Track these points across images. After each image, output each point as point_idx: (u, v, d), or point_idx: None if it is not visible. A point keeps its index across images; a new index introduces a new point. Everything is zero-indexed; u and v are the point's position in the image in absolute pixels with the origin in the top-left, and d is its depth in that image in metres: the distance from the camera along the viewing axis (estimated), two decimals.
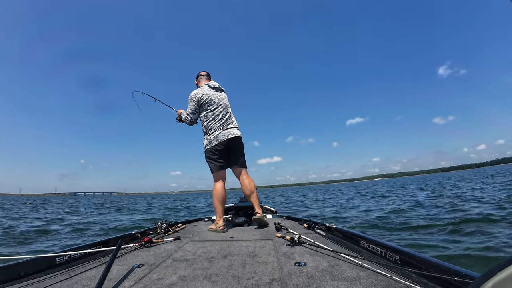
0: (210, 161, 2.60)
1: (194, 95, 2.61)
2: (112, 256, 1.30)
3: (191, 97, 2.61)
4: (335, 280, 1.07)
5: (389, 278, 1.07)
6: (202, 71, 2.86)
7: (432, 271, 1.02)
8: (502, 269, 0.39)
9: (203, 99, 2.58)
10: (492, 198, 8.08)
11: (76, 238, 5.59)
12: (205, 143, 2.61)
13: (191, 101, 2.60)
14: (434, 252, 3.40)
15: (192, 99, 2.60)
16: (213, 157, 2.58)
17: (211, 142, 2.56)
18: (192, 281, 1.14)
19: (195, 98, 2.59)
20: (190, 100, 2.60)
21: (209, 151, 2.58)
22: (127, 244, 1.82)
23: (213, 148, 2.55)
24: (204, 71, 2.86)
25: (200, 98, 2.58)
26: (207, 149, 2.59)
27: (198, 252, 1.64)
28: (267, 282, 1.09)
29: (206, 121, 2.60)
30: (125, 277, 1.22)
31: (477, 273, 0.86)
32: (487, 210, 5.88)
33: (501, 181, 16.45)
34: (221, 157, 2.59)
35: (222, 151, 2.59)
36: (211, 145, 2.56)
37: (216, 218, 2.49)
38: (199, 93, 2.60)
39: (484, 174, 38.68)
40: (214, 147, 2.55)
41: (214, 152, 2.57)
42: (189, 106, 2.61)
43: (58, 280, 1.20)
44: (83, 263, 1.49)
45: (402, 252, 1.24)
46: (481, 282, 0.39)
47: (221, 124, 2.60)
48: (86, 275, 1.26)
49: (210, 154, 2.59)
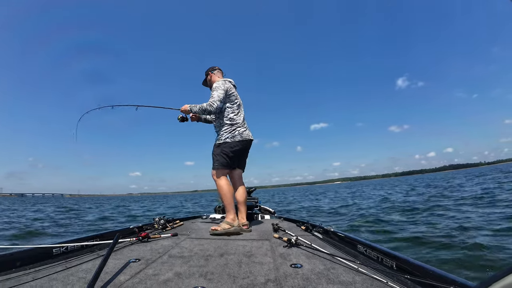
0: (223, 156, 2.37)
1: (222, 84, 2.43)
2: (109, 249, 1.30)
3: (218, 85, 2.41)
4: (330, 284, 1.07)
5: (385, 284, 1.07)
6: (215, 66, 2.71)
7: (428, 279, 1.01)
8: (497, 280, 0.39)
9: (230, 92, 2.45)
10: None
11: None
12: (227, 135, 2.39)
13: (219, 89, 2.38)
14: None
15: (220, 87, 2.39)
16: (228, 153, 2.38)
17: (235, 136, 2.39)
18: (187, 278, 1.14)
19: (223, 86, 2.41)
20: (218, 88, 2.39)
21: (229, 145, 2.38)
22: (124, 238, 1.82)
23: (234, 144, 2.39)
24: (218, 67, 2.72)
25: (228, 89, 2.43)
26: (227, 142, 2.38)
27: (195, 250, 1.64)
28: (262, 282, 1.09)
29: (233, 113, 2.44)
30: (121, 271, 1.22)
31: (473, 283, 0.86)
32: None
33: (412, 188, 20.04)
34: (235, 156, 2.44)
35: (240, 150, 2.45)
36: (233, 139, 2.38)
37: (232, 216, 2.32)
38: (227, 84, 2.45)
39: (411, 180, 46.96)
40: (236, 143, 2.39)
41: (233, 148, 2.39)
42: (217, 93, 2.35)
43: (54, 271, 1.20)
44: (80, 255, 1.50)
45: (399, 258, 1.23)
46: None
47: (243, 122, 2.50)
48: (82, 267, 1.27)
49: (227, 148, 2.38)
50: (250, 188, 3.60)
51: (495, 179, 16.54)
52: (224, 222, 2.28)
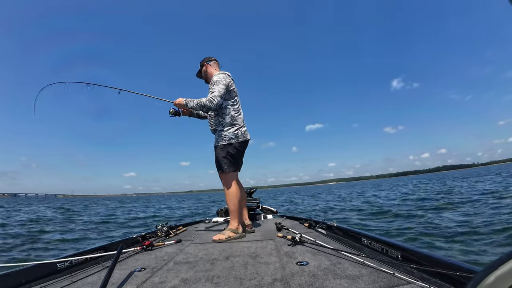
0: (230, 158, 2.22)
1: (223, 78, 2.20)
2: (113, 260, 1.29)
3: (219, 79, 2.18)
4: (337, 279, 1.08)
5: (391, 275, 1.07)
6: (211, 57, 2.46)
7: (434, 267, 1.02)
8: (504, 263, 0.39)
9: (231, 87, 2.25)
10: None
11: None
12: (231, 136, 2.22)
13: (220, 83, 2.16)
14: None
15: (221, 81, 2.17)
16: (234, 154, 2.23)
17: (238, 137, 2.23)
18: (194, 283, 1.14)
19: (225, 81, 2.18)
20: (219, 82, 2.16)
21: (234, 147, 2.22)
22: (128, 248, 1.81)
23: (238, 145, 2.24)
24: (214, 57, 2.47)
25: (229, 84, 2.22)
26: (233, 143, 2.22)
27: (200, 254, 1.64)
28: (269, 282, 1.09)
29: (234, 111, 2.25)
30: (126, 281, 1.21)
31: (478, 268, 0.86)
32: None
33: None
34: (240, 157, 2.31)
35: (242, 151, 2.31)
36: (237, 140, 2.23)
37: (237, 224, 2.19)
38: (228, 78, 2.24)
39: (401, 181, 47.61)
40: (240, 143, 2.25)
41: (237, 149, 2.24)
42: (218, 88, 2.14)
43: (60, 286, 1.19)
44: (85, 268, 1.49)
45: (404, 249, 1.24)
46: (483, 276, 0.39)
47: (242, 120, 2.33)
48: (88, 280, 1.25)
49: (233, 150, 2.22)
50: (251, 188, 3.59)
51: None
52: (229, 230, 2.15)
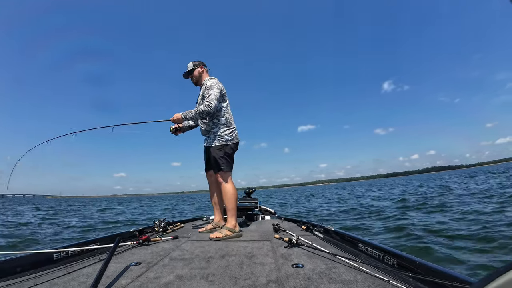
0: (227, 158, 2.34)
1: (216, 82, 2.35)
2: (109, 253, 1.30)
3: (214, 83, 2.32)
4: (332, 283, 1.07)
5: (386, 282, 1.07)
6: (202, 61, 2.56)
7: (429, 276, 1.02)
8: (500, 275, 0.38)
9: (223, 91, 2.39)
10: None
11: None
12: (228, 137, 2.34)
13: (215, 87, 2.28)
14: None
15: (216, 86, 2.30)
16: (230, 154, 2.37)
17: (233, 138, 2.38)
18: (189, 280, 1.14)
19: (219, 85, 2.34)
20: (213, 86, 2.29)
21: (230, 147, 2.36)
22: (124, 242, 1.81)
23: (233, 146, 2.38)
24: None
25: (221, 88, 2.37)
26: (229, 144, 2.35)
27: (196, 252, 1.64)
28: (264, 283, 1.09)
29: (228, 114, 2.40)
30: (122, 274, 1.22)
31: (474, 279, 0.86)
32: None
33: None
34: (233, 158, 2.43)
35: (234, 152, 2.43)
36: (232, 142, 2.37)
37: (234, 222, 2.24)
38: (220, 83, 2.39)
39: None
40: (234, 145, 2.39)
41: (233, 150, 2.39)
42: (214, 92, 2.25)
43: (55, 276, 1.20)
44: (80, 260, 1.49)
45: (400, 256, 1.23)
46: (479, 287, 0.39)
47: (234, 122, 2.46)
48: (83, 272, 1.26)
49: (230, 150, 2.36)
50: (250, 188, 3.60)
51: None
52: (226, 228, 2.19)
